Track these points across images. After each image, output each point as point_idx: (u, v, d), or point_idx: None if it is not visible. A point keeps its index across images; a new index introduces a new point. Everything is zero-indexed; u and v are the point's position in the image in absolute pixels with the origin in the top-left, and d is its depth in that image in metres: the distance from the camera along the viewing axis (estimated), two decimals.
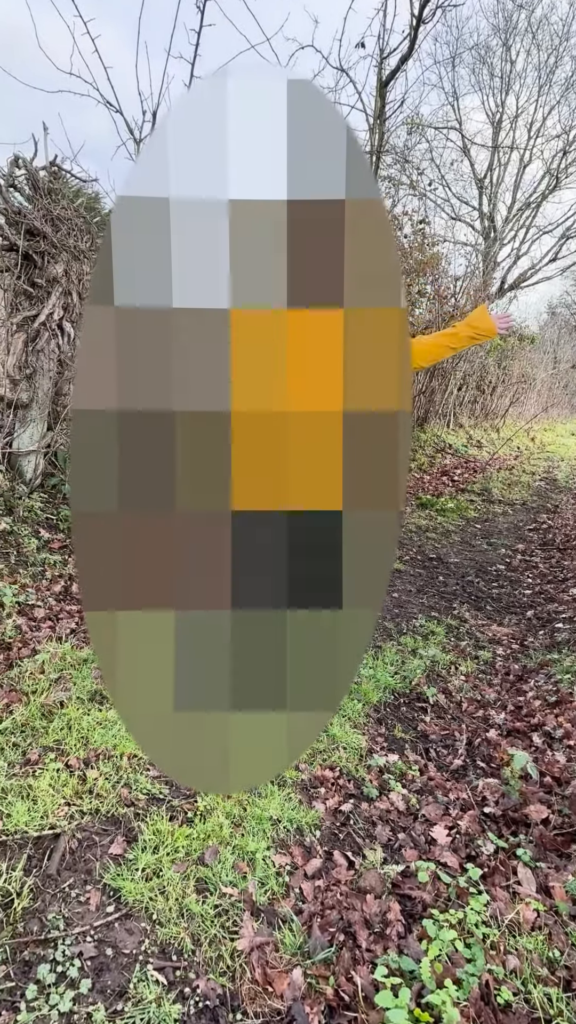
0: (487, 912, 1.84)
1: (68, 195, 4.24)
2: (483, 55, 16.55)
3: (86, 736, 2.46)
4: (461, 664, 3.72)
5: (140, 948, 1.67)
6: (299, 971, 1.64)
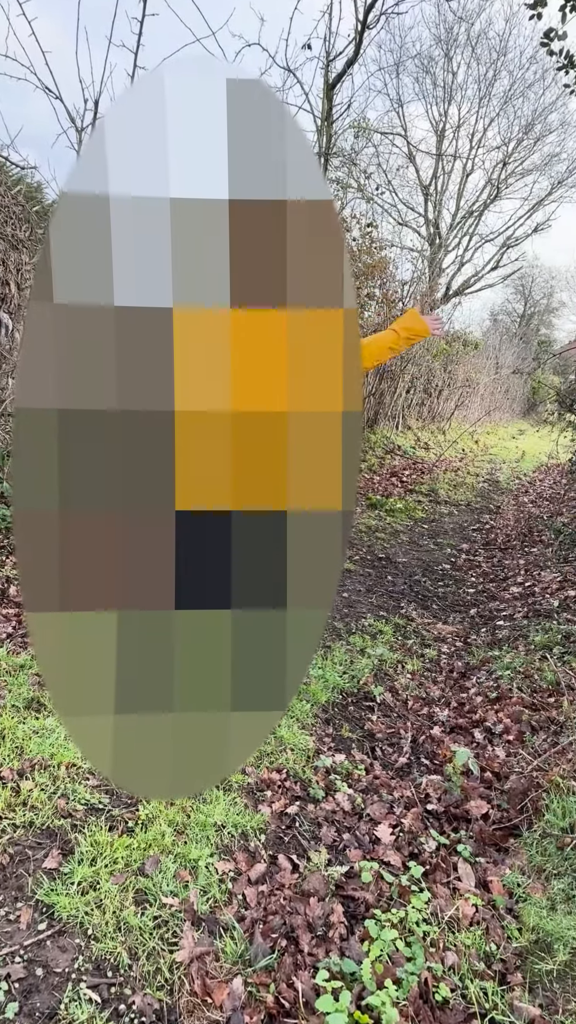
0: (428, 910, 1.86)
1: (6, 183, 4.07)
2: (426, 64, 16.97)
3: (21, 746, 2.36)
4: (408, 662, 3.77)
5: (73, 966, 1.61)
6: (239, 980, 1.61)
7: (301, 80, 6.74)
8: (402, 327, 2.64)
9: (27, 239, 4.06)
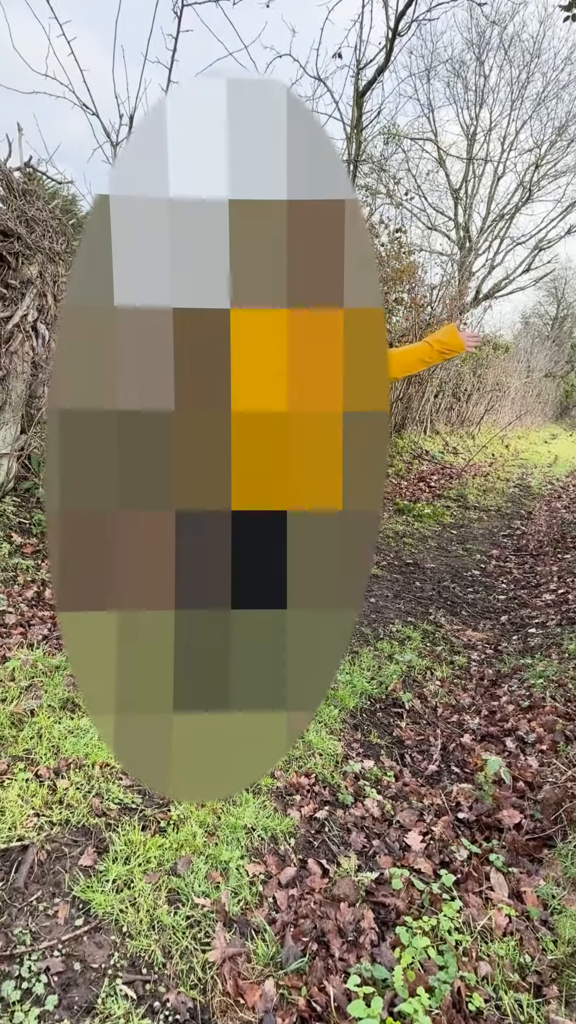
0: (460, 918, 1.85)
1: (44, 196, 4.19)
2: (457, 69, 16.85)
3: (57, 745, 2.41)
4: (437, 669, 3.75)
5: (109, 962, 1.64)
6: (271, 982, 1.63)
7: (331, 89, 6.81)
8: (436, 340, 2.64)
9: (63, 252, 4.17)
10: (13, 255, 4.03)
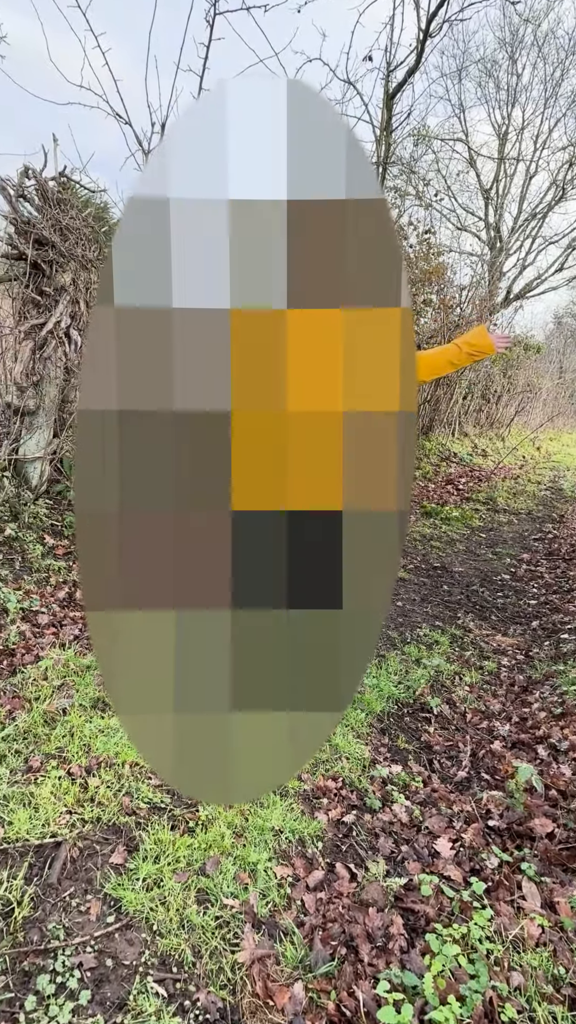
0: (491, 927, 1.82)
1: (77, 205, 4.28)
2: (489, 68, 16.65)
3: (88, 743, 2.46)
4: (465, 674, 3.70)
5: (140, 959, 1.66)
6: (300, 985, 1.63)
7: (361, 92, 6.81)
8: (465, 343, 2.62)
9: (96, 259, 4.25)
10: (48, 263, 4.13)
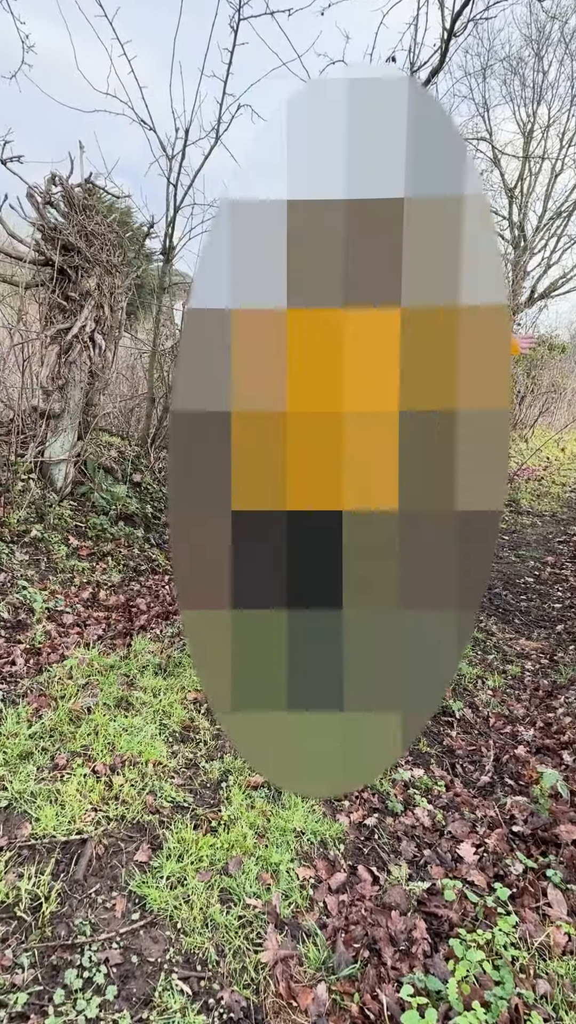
0: (516, 934, 1.81)
1: (102, 211, 4.34)
2: (515, 66, 16.46)
3: (112, 742, 2.49)
4: (488, 678, 3.67)
5: (165, 957, 1.68)
6: (323, 986, 1.63)
7: None
8: None
9: (120, 264, 4.30)
10: (73, 268, 4.19)
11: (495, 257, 1.01)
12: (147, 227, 5.10)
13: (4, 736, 2.41)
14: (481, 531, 1.01)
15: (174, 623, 3.75)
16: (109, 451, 5.56)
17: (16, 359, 4.32)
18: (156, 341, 5.69)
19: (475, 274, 0.97)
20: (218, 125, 4.90)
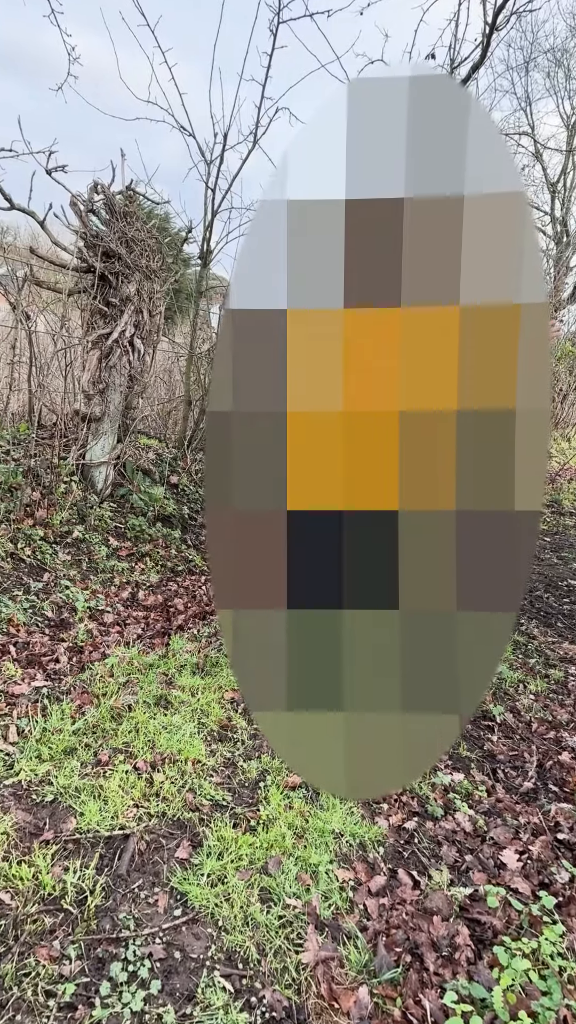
0: (563, 943, 1.76)
1: (142, 217, 4.42)
2: (559, 58, 16.09)
3: (152, 740, 2.52)
4: (530, 683, 3.59)
5: (207, 954, 1.69)
6: (365, 990, 1.62)
7: None
8: None
9: (159, 269, 4.37)
10: (114, 275, 4.28)
11: (536, 254, 1.00)
12: (185, 232, 5.17)
13: (49, 732, 2.47)
14: (522, 531, 0.99)
15: (211, 623, 3.78)
16: (147, 453, 5.65)
17: (59, 364, 4.43)
18: (193, 344, 5.75)
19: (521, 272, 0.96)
20: (256, 129, 4.94)
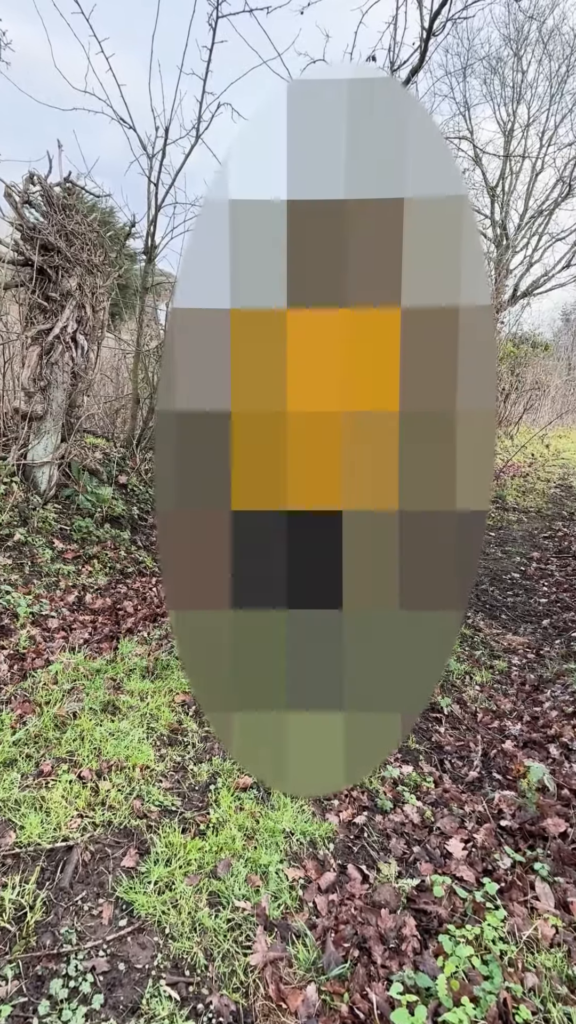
0: (504, 928, 1.81)
1: (82, 210, 4.30)
2: (494, 65, 16.57)
3: (99, 747, 2.46)
4: (476, 674, 3.68)
5: (153, 963, 1.66)
6: (313, 987, 1.62)
7: None
8: None
9: (101, 263, 4.27)
10: (54, 268, 4.15)
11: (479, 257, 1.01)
12: (129, 226, 5.07)
13: None
14: (468, 530, 1.01)
15: (162, 625, 3.73)
16: (94, 453, 5.52)
17: None
18: (140, 341, 5.65)
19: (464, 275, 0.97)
20: (198, 123, 4.89)
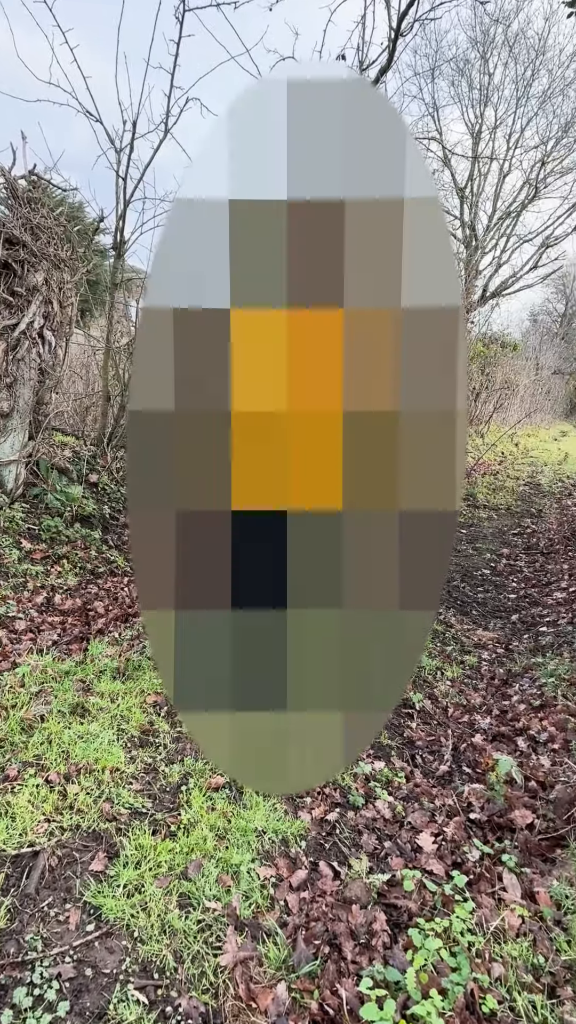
0: (472, 920, 1.83)
1: (49, 204, 4.22)
2: (462, 67, 16.77)
3: (67, 750, 2.42)
4: (447, 669, 3.73)
5: (121, 967, 1.64)
6: (283, 986, 1.62)
7: None
8: None
9: (68, 258, 4.19)
10: (19, 263, 4.07)
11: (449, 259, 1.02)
12: (97, 221, 4.99)
13: None
14: (438, 530, 1.02)
15: (134, 625, 3.68)
16: (63, 451, 5.43)
17: None
18: (110, 338, 5.58)
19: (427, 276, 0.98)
20: (167, 118, 4.83)
